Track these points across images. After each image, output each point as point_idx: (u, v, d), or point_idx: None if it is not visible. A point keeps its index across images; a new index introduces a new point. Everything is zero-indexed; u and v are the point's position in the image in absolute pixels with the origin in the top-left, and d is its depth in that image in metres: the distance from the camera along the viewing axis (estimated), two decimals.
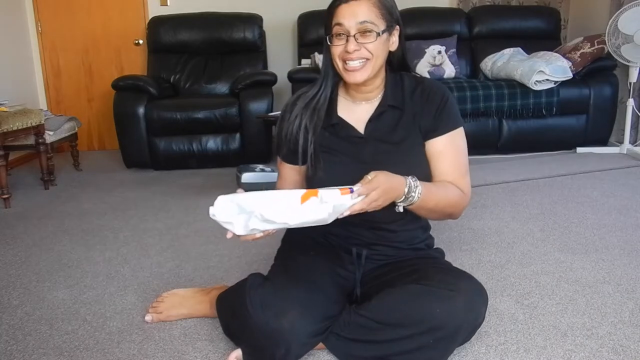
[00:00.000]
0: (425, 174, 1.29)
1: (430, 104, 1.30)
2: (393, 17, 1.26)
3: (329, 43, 1.25)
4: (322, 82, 1.34)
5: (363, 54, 1.22)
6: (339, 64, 1.25)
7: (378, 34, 1.21)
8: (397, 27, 1.28)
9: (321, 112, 1.32)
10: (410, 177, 1.18)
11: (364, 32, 1.21)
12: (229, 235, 1.10)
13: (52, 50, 4.40)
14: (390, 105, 1.31)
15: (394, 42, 1.28)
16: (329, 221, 1.07)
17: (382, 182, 1.10)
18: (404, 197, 1.17)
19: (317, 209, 1.04)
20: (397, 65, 1.35)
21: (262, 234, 1.10)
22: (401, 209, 1.20)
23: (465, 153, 1.33)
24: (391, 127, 1.31)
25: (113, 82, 3.55)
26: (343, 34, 1.22)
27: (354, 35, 1.20)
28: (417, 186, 1.17)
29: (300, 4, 4.23)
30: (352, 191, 1.07)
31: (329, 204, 1.04)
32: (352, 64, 1.23)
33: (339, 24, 1.21)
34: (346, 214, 1.08)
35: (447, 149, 1.30)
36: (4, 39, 3.97)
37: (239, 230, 1.08)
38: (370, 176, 1.10)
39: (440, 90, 1.32)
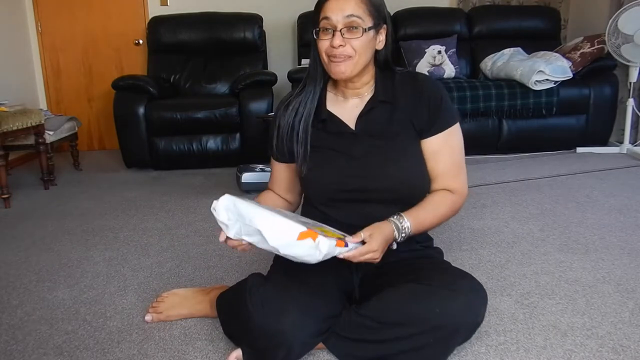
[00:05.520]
0: (418, 170, 1.29)
1: (424, 102, 1.29)
2: (380, 15, 1.26)
3: (315, 37, 1.25)
4: (310, 83, 1.34)
5: (347, 51, 1.22)
6: (324, 58, 1.25)
7: (364, 30, 1.21)
8: (385, 26, 1.28)
9: (311, 112, 1.32)
10: (394, 217, 1.22)
11: (350, 27, 1.21)
12: (221, 238, 1.15)
13: (52, 50, 4.40)
14: (380, 100, 1.30)
15: (381, 40, 1.28)
16: (314, 262, 1.09)
17: (379, 244, 1.14)
18: (395, 239, 1.21)
19: (309, 252, 1.06)
20: (382, 65, 1.34)
21: (245, 247, 1.14)
22: (395, 246, 1.24)
23: (461, 150, 1.33)
24: (384, 123, 1.30)
25: (113, 82, 3.55)
26: (330, 28, 1.22)
27: (340, 30, 1.20)
28: (403, 224, 1.21)
29: (300, 4, 4.23)
30: (346, 245, 1.10)
31: (322, 252, 1.06)
32: (336, 58, 1.23)
33: (326, 18, 1.22)
34: (340, 256, 1.11)
35: (443, 149, 1.29)
36: (4, 39, 3.97)
37: (231, 233, 1.12)
38: (364, 234, 1.14)
39: (434, 88, 1.31)
